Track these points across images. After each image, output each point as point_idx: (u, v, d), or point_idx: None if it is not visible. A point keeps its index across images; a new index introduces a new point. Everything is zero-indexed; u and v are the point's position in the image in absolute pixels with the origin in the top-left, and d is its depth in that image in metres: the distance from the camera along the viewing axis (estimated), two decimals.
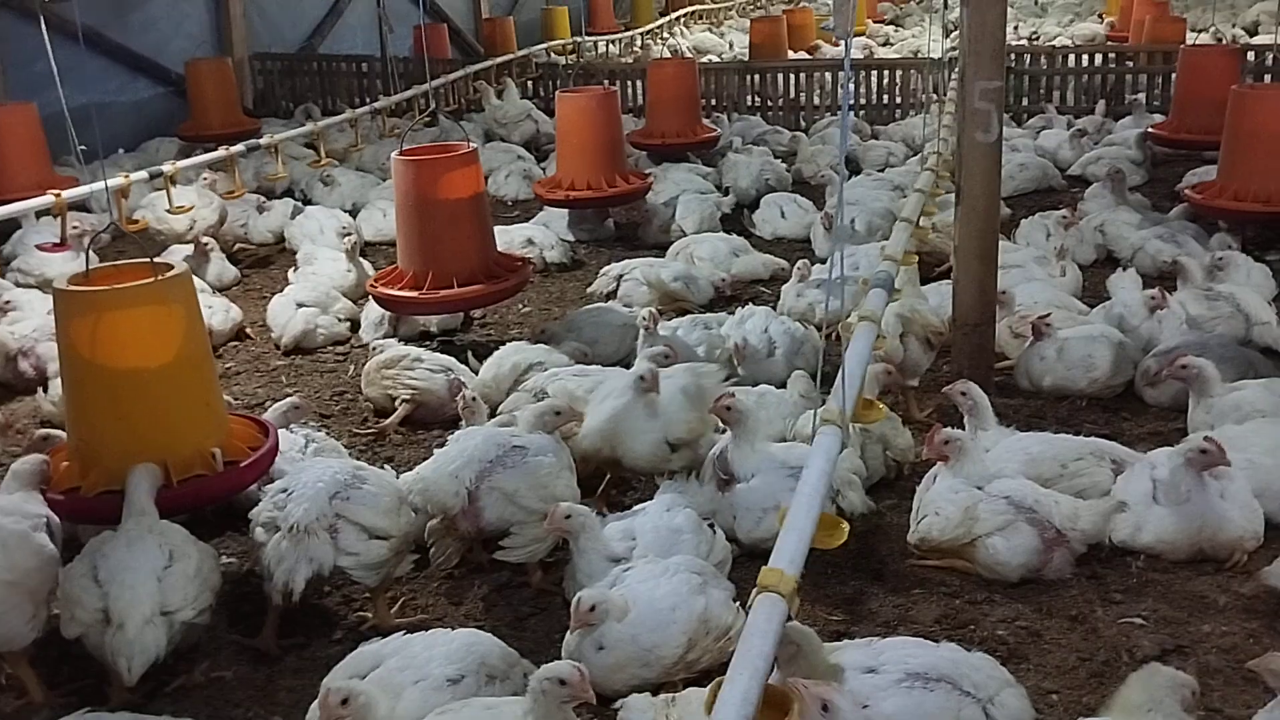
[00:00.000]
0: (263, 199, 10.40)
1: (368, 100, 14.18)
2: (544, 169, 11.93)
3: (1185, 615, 4.42)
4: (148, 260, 4.74)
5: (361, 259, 8.64)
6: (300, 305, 7.69)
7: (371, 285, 7.16)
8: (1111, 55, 14.81)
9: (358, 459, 5.78)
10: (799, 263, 7.89)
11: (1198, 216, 8.99)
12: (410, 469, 5.02)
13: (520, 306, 8.41)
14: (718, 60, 19.00)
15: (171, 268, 4.69)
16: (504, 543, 4.68)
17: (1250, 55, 13.69)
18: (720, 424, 5.13)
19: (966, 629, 4.38)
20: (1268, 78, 13.32)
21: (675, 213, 9.99)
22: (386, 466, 5.07)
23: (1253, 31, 20.62)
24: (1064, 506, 4.78)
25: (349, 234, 8.93)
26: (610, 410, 5.21)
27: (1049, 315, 6.53)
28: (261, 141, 10.14)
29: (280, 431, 5.24)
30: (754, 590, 2.98)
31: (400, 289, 6.91)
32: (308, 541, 4.25)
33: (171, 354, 4.52)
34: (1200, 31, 19.22)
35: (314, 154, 11.68)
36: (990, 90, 6.13)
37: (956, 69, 6.53)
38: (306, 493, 4.35)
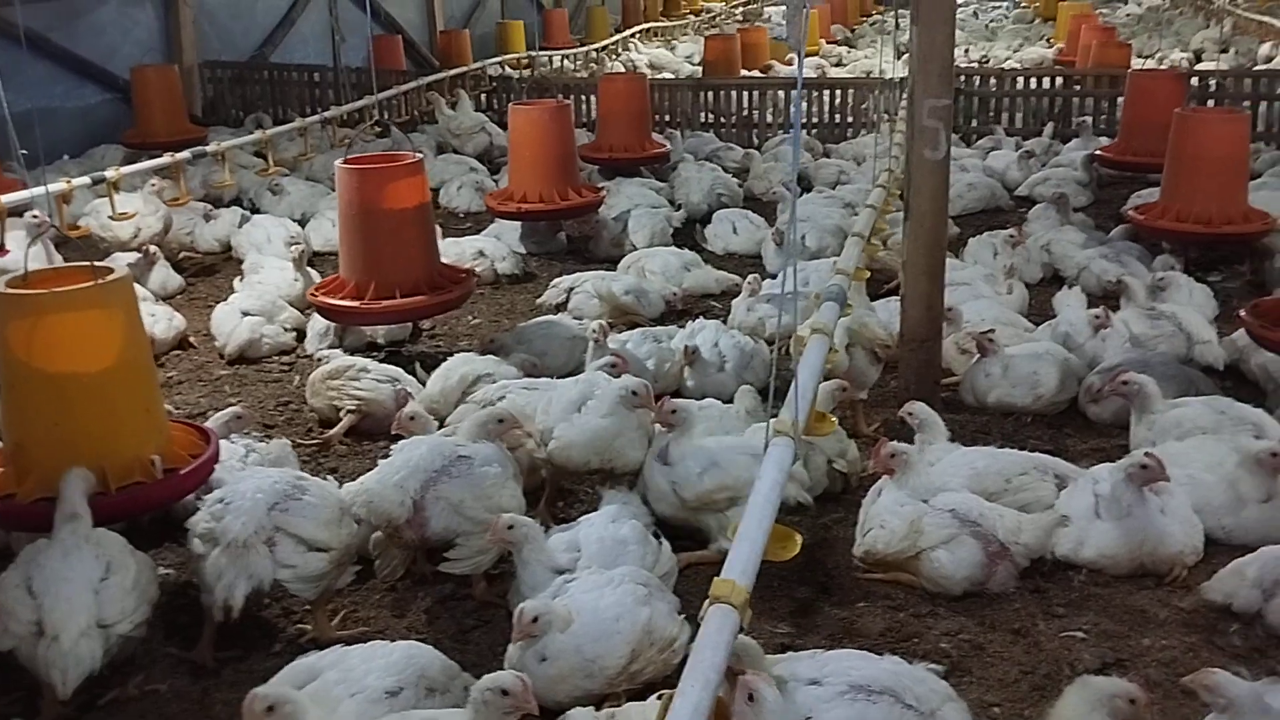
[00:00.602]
0: (209, 207, 10.27)
1: (320, 110, 14.07)
2: (497, 181, 11.90)
3: (1126, 629, 4.46)
4: (88, 264, 4.65)
5: (310, 268, 8.55)
6: (245, 314, 7.59)
7: (313, 294, 7.09)
8: (1059, 79, 15.03)
9: (300, 469, 5.73)
10: (750, 277, 7.91)
11: (1140, 237, 9.13)
12: (355, 480, 4.96)
13: (470, 318, 8.36)
14: (672, 77, 19.07)
15: (111, 271, 4.61)
16: (448, 554, 4.63)
17: (1195, 80, 13.96)
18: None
19: (911, 642, 4.39)
20: (1211, 102, 13.58)
21: (627, 226, 9.99)
22: (329, 477, 5.00)
23: (1196, 58, 21.04)
24: (1007, 520, 4.81)
25: (296, 243, 8.83)
26: (598, 427, 5.15)
27: (991, 332, 6.58)
28: (208, 149, 10.03)
29: (221, 441, 5.16)
30: (706, 601, 2.96)
31: (342, 298, 6.84)
32: (246, 556, 4.17)
33: (110, 359, 4.43)
34: (1146, 57, 19.58)
35: (263, 163, 11.57)
36: (939, 108, 6.19)
37: (907, 89, 6.59)
38: (244, 505, 4.26)
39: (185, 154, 9.60)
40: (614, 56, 21.65)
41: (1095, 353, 6.75)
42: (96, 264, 4.68)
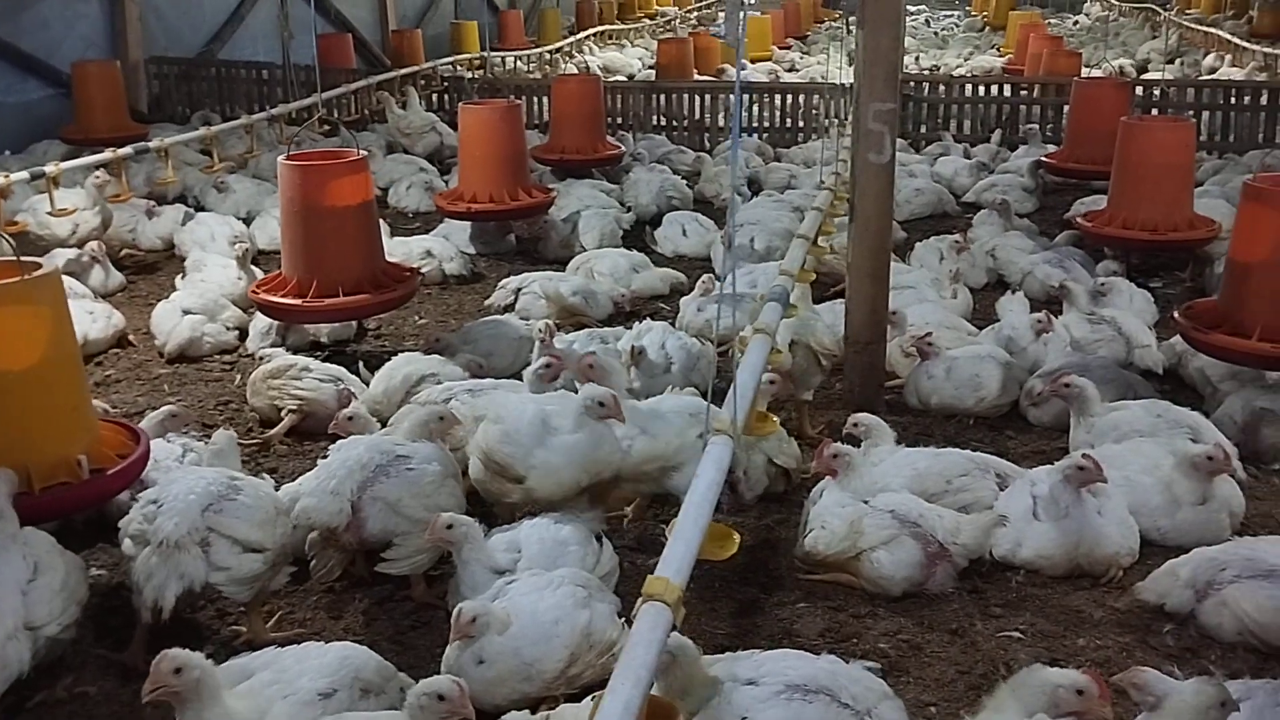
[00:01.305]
0: (153, 204, 10.12)
1: (268, 108, 13.92)
2: (446, 181, 11.83)
3: (1061, 629, 4.49)
4: (15, 260, 4.55)
5: (254, 267, 8.45)
6: (186, 312, 7.48)
7: (254, 292, 7.00)
8: (1007, 86, 15.20)
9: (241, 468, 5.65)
10: (703, 277, 7.90)
11: (1084, 242, 9.24)
12: (294, 481, 4.89)
13: (416, 318, 8.30)
14: (625, 80, 19.08)
15: (39, 267, 4.52)
16: (386, 554, 4.58)
17: (1140, 89, 14.18)
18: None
19: (850, 642, 4.40)
20: (1155, 111, 13.79)
21: (576, 228, 9.97)
22: (266, 477, 4.93)
23: (1142, 69, 21.38)
24: (947, 521, 4.84)
25: (240, 241, 8.72)
26: (575, 443, 4.74)
27: (929, 335, 6.62)
28: (151, 145, 9.88)
29: (156, 441, 5.07)
30: (639, 599, 2.95)
31: (284, 296, 6.76)
32: (178, 556, 4.09)
33: (36, 356, 4.35)
34: (1092, 67, 19.85)
35: (209, 160, 11.42)
36: (884, 112, 6.22)
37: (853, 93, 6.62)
38: (177, 505, 4.18)
39: (127, 150, 9.46)
40: (568, 59, 21.63)
41: (1037, 356, 6.81)
42: (24, 259, 4.58)
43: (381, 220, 10.08)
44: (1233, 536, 4.95)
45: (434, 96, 15.71)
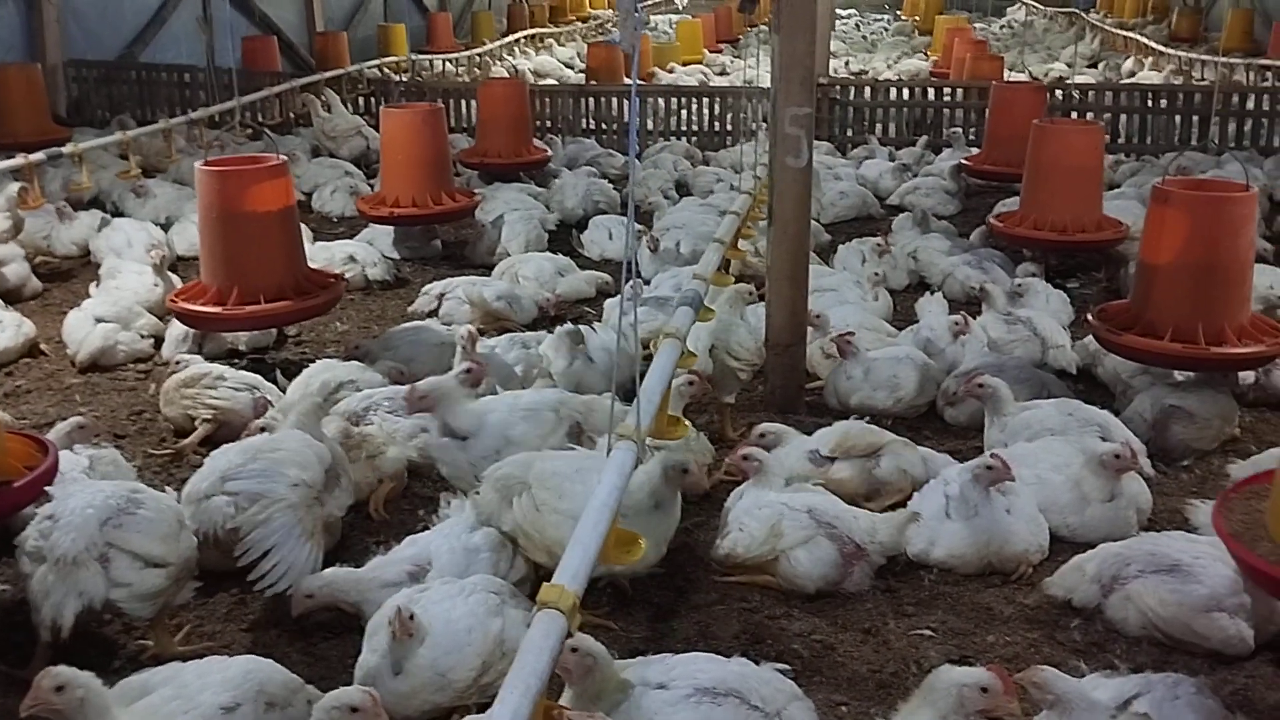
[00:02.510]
0: (64, 204, 9.89)
1: (190, 112, 13.70)
2: (372, 185, 11.73)
3: (972, 626, 4.56)
4: None
5: (171, 274, 8.30)
6: (99, 320, 7.33)
7: (172, 300, 6.89)
8: (931, 90, 15.39)
9: (151, 481, 5.56)
10: (630, 282, 7.87)
11: (1000, 244, 9.39)
12: None
13: (338, 324, 8.21)
14: (555, 83, 19.04)
15: None
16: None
17: (1058, 93, 14.44)
18: None
19: (764, 643, 4.42)
20: (1075, 114, 14.04)
21: (501, 233, 9.93)
22: (169, 490, 4.83)
23: (1072, 66, 21.74)
24: (863, 521, 4.89)
25: (157, 248, 8.57)
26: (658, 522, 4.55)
27: (850, 334, 6.68)
28: (64, 150, 9.67)
29: (64, 453, 4.96)
30: (535, 607, 2.94)
31: (203, 304, 6.66)
32: (76, 574, 3.98)
33: None
34: (1014, 70, 20.18)
35: (127, 164, 11.21)
36: (800, 116, 6.27)
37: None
38: (74, 520, 4.07)
39: (39, 155, 9.25)
40: (498, 61, 21.55)
41: (954, 357, 6.90)
42: None
43: (305, 225, 10.04)
44: (1139, 532, 5.05)
45: (360, 100, 15.57)
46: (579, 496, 3.97)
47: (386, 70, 17.56)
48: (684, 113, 15.15)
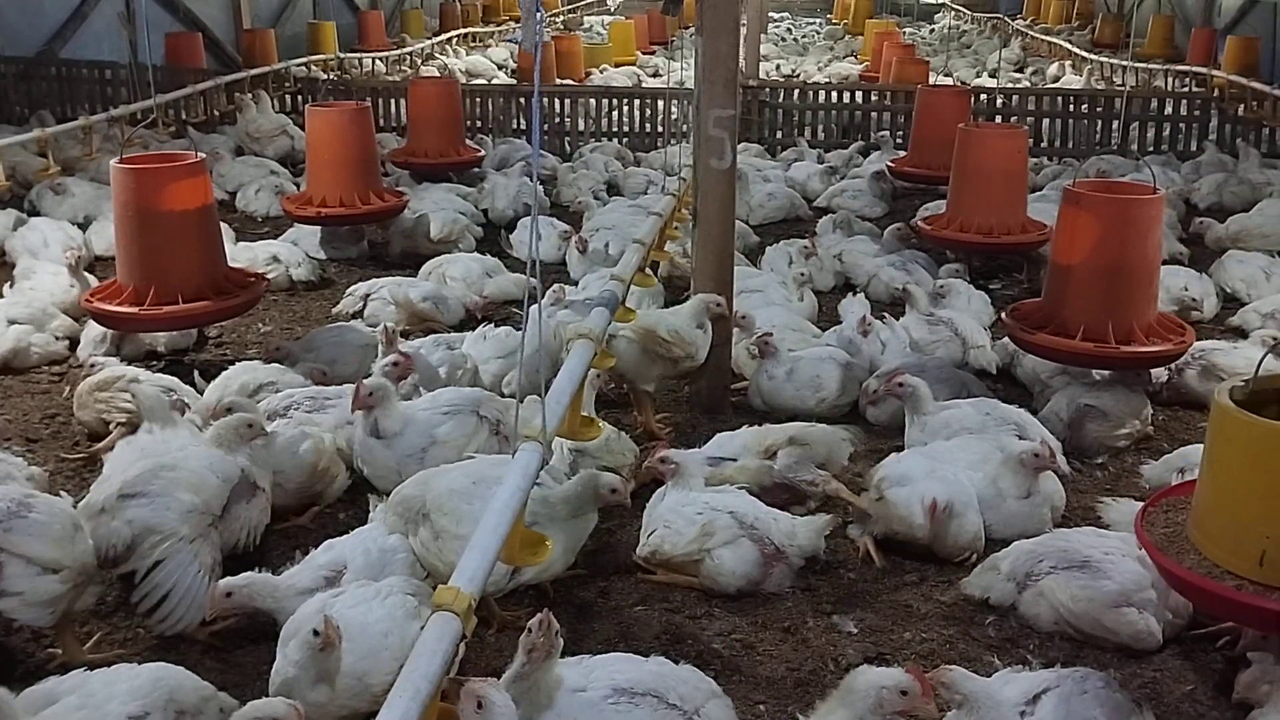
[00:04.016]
0: None
1: (112, 109, 13.44)
2: (299, 185, 11.58)
3: (890, 624, 4.61)
4: None
5: (89, 274, 8.13)
6: (12, 322, 7.15)
7: (87, 300, 6.75)
8: (859, 93, 15.56)
9: (64, 486, 5.45)
10: (554, 287, 7.88)
11: (911, 241, 9.52)
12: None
13: (260, 326, 8.10)
14: (485, 83, 18.95)
15: None
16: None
17: (983, 97, 14.66)
18: None
19: (685, 643, 4.44)
20: (999, 118, 14.27)
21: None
22: (64, 494, 4.71)
23: (991, 76, 22.08)
24: (782, 524, 4.92)
25: (74, 248, 8.38)
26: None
27: (768, 334, 6.72)
28: None
29: None
30: (430, 610, 2.92)
31: (119, 304, 6.53)
32: None
33: None
34: (940, 74, 20.44)
35: (45, 162, 10.96)
36: (724, 118, 6.29)
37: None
38: None
39: None
40: (430, 61, 21.39)
41: (872, 357, 6.97)
42: None
43: (229, 225, 9.90)
44: (1052, 529, 5.14)
45: (286, 98, 15.37)
46: (477, 517, 3.88)
47: (314, 68, 17.34)
48: (615, 114, 15.15)
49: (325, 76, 16.52)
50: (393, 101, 15.08)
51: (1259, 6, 20.21)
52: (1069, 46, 22.43)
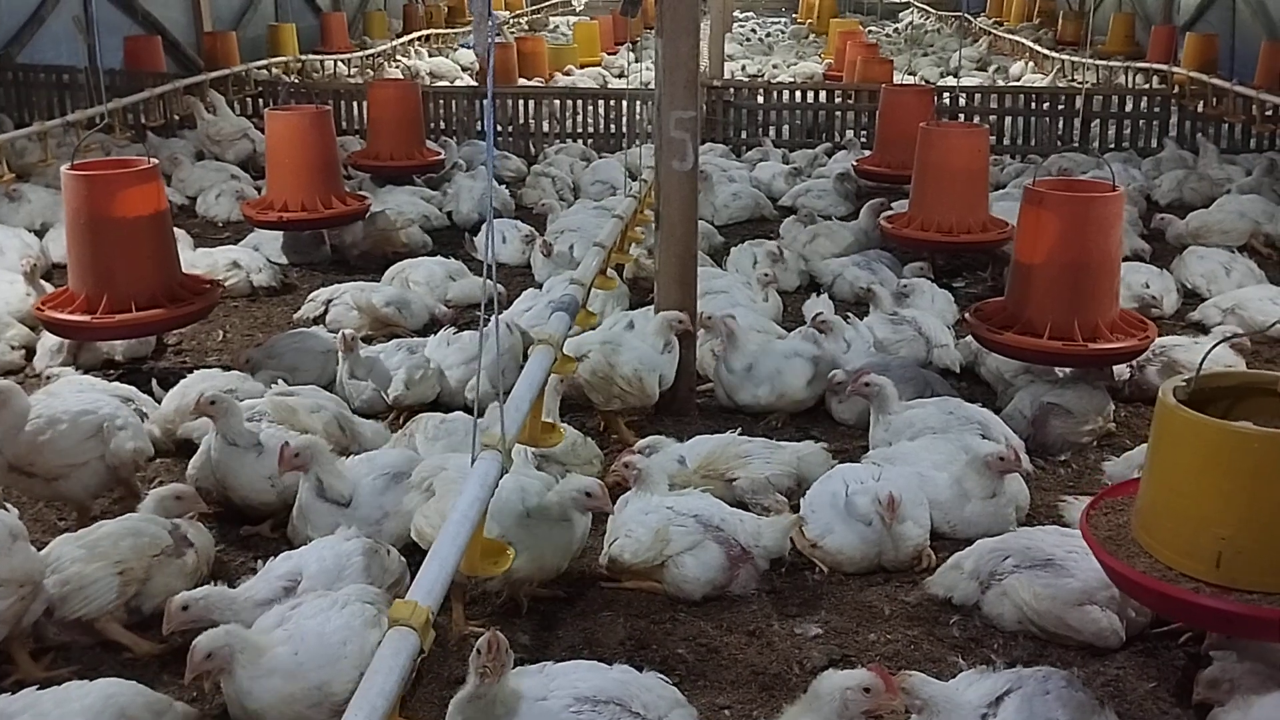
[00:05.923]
0: None
1: (70, 113, 13.27)
2: (259, 189, 11.46)
3: (854, 625, 4.60)
4: None
5: (45, 282, 8.00)
6: None
7: (39, 309, 6.65)
8: (823, 93, 15.59)
9: (18, 501, 5.35)
10: (527, 291, 7.85)
11: (871, 239, 9.56)
12: None
13: (221, 332, 8.00)
14: (448, 85, 18.88)
15: None
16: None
17: (946, 96, 14.72)
18: None
19: (649, 649, 4.42)
20: (961, 117, 14.34)
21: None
22: (7, 506, 4.61)
23: (955, 76, 22.19)
24: (748, 524, 4.90)
25: (29, 255, 8.25)
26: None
27: (732, 315, 6.69)
28: None
29: None
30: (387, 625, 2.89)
31: (71, 313, 6.44)
32: None
33: None
34: (904, 73, 20.54)
35: (1, 169, 10.78)
36: (685, 120, 6.27)
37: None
38: None
39: None
40: (393, 63, 21.27)
41: (834, 355, 6.96)
42: None
43: (188, 231, 9.80)
44: (1016, 528, 5.15)
45: (247, 101, 15.23)
46: None
47: (276, 71, 17.20)
48: (580, 115, 15.11)
49: (287, 79, 16.36)
50: (354, 104, 14.98)
51: (1218, 4, 20.41)
52: (1031, 45, 22.57)
